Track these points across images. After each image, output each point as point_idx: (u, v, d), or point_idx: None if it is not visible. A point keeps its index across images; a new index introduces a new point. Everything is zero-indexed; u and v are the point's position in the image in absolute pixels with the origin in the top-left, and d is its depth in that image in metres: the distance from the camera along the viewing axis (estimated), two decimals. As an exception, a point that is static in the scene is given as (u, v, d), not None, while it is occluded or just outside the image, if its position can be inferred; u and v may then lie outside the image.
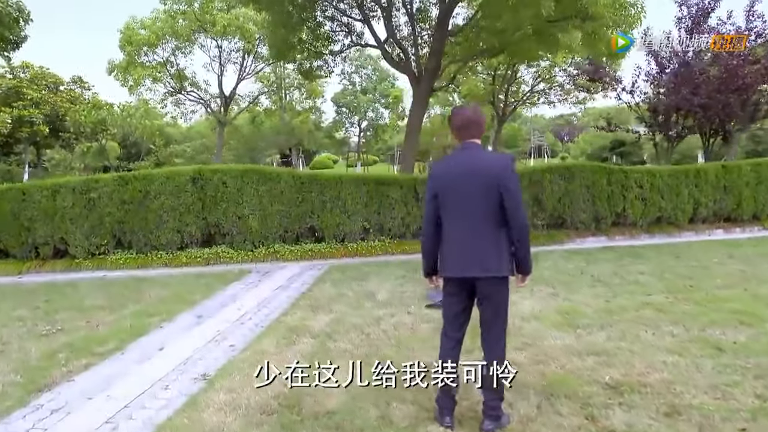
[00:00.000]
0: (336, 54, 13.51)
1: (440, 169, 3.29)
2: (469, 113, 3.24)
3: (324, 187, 9.39)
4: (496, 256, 3.10)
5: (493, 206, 3.07)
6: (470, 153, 3.17)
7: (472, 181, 3.07)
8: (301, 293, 6.80)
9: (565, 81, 24.52)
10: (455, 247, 3.16)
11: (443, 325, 3.40)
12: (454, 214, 3.15)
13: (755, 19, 12.87)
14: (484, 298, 3.19)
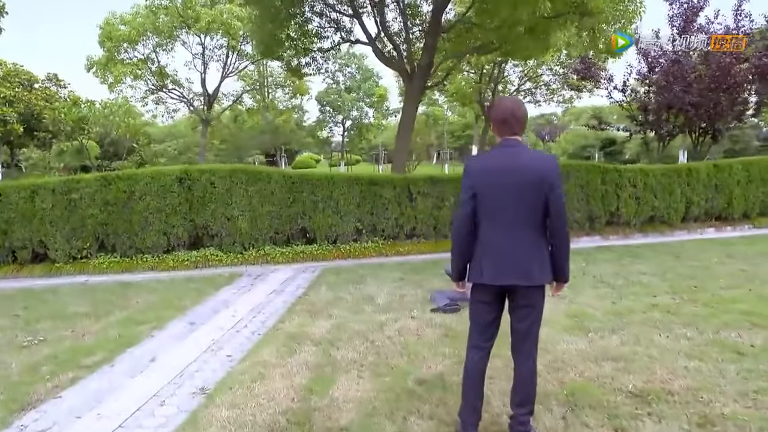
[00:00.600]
0: (325, 51, 13.25)
1: (479, 166, 2.98)
2: (511, 106, 2.96)
3: (315, 187, 9.12)
4: (538, 263, 2.88)
5: (537, 209, 2.85)
6: (514, 150, 2.90)
7: (517, 182, 2.83)
8: (296, 297, 6.54)
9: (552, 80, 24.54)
10: (493, 252, 2.90)
11: (470, 336, 3.14)
12: (493, 215, 2.89)
13: (743, 19, 12.93)
14: (521, 308, 2.96)
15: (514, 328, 3.02)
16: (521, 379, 3.01)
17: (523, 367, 3.00)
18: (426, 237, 9.89)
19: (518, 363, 3.02)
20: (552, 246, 2.92)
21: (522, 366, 3.00)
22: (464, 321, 5.32)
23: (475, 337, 3.11)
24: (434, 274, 7.53)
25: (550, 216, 2.86)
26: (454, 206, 9.84)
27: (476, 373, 3.09)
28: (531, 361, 3.00)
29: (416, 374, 4.00)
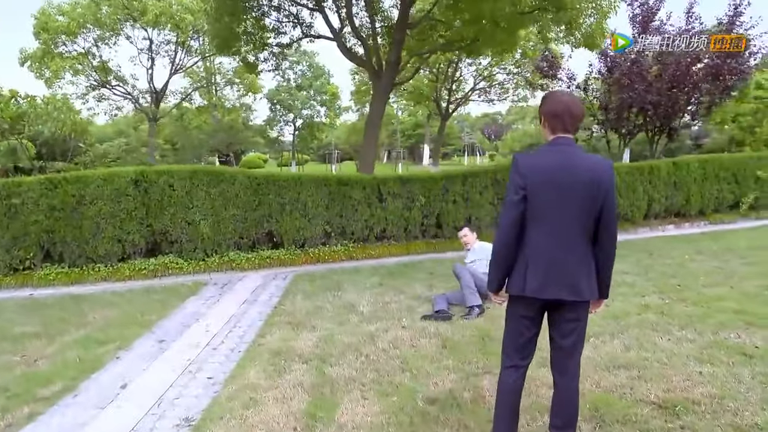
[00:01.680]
0: (285, 47, 12.72)
1: (532, 164, 2.64)
2: (567, 100, 2.68)
3: (282, 188, 8.65)
4: (586, 276, 2.61)
5: (590, 218, 2.58)
6: (569, 150, 2.62)
7: (573, 184, 2.55)
8: (272, 308, 6.09)
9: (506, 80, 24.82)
10: (540, 261, 2.60)
11: (506, 355, 2.83)
12: (544, 220, 2.59)
13: (693, 21, 13.34)
14: (566, 322, 2.67)
15: (557, 345, 2.74)
16: (566, 400, 2.74)
17: (567, 388, 2.73)
18: (397, 239, 9.60)
19: (562, 383, 2.74)
20: (598, 258, 2.65)
21: (567, 386, 2.73)
22: (459, 329, 5.07)
23: (512, 356, 2.81)
24: (414, 279, 7.23)
25: (602, 225, 2.60)
26: (424, 206, 9.61)
27: (514, 396, 2.81)
28: (576, 380, 2.74)
29: (424, 392, 3.68)
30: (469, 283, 5.66)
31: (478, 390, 3.69)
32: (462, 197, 9.94)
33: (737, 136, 14.10)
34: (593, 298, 2.66)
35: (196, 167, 8.56)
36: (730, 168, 12.37)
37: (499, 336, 4.77)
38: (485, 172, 10.22)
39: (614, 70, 12.70)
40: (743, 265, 7.47)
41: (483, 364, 4.16)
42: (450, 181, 9.86)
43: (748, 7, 12.27)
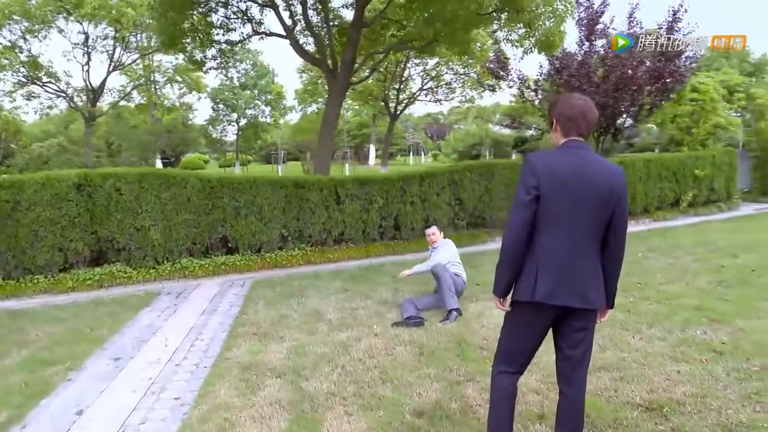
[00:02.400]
0: (234, 44, 12.26)
1: (546, 165, 2.53)
2: (581, 104, 2.60)
3: (237, 191, 8.31)
4: (596, 283, 2.55)
5: (601, 224, 2.52)
6: (584, 153, 2.55)
7: (587, 188, 2.48)
8: (234, 318, 5.80)
9: (453, 80, 25.10)
10: (551, 266, 2.50)
11: (500, 361, 2.75)
12: (556, 225, 2.50)
13: (635, 25, 13.86)
14: (575, 331, 2.60)
15: (565, 355, 2.65)
16: (574, 411, 2.67)
17: (576, 399, 2.66)
18: (355, 242, 9.42)
19: (570, 393, 2.66)
20: (607, 265, 2.60)
21: (575, 397, 2.66)
22: (433, 335, 4.97)
23: (507, 362, 2.72)
24: (378, 283, 7.10)
25: (612, 232, 2.55)
26: (382, 208, 9.49)
27: (509, 401, 2.73)
28: (583, 390, 2.68)
29: (410, 404, 3.55)
30: (450, 286, 5.59)
31: (465, 399, 3.60)
32: (420, 198, 9.89)
33: (676, 136, 14.78)
34: (601, 306, 2.61)
35: (146, 170, 8.08)
36: (671, 167, 12.94)
37: (476, 341, 4.76)
38: (442, 173, 10.22)
39: (563, 71, 13.03)
40: (693, 261, 7.78)
41: (464, 372, 4.07)
42: (407, 183, 9.79)
43: (686, 14, 12.93)
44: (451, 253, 6.10)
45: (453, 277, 5.78)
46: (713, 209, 13.91)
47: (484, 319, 5.40)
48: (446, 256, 6.01)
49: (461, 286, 5.95)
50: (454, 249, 6.25)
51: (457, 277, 5.89)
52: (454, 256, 6.13)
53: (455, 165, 10.49)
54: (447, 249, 6.14)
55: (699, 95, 14.26)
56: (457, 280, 5.86)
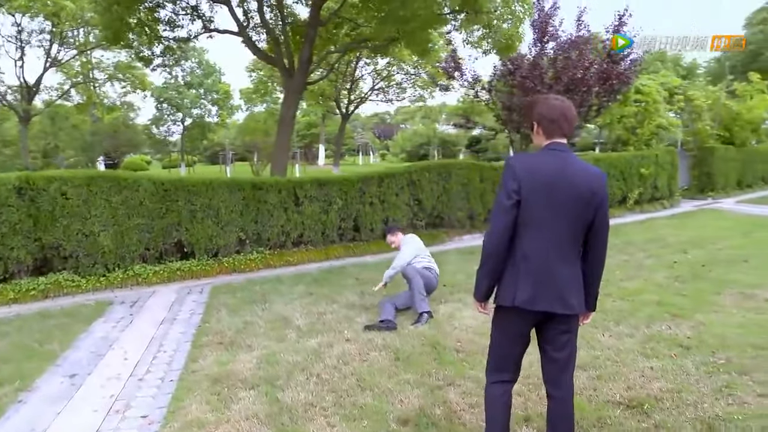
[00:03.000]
0: (183, 41, 11.79)
1: (527, 168, 2.52)
2: (561, 105, 2.58)
3: (192, 194, 7.99)
4: (577, 288, 2.56)
5: (582, 228, 2.52)
6: (564, 157, 2.53)
7: (568, 191, 2.46)
8: (196, 327, 5.55)
9: (404, 79, 25.21)
10: (532, 271, 2.49)
11: (491, 370, 2.73)
12: (537, 229, 2.48)
13: (583, 28, 14.27)
14: (559, 334, 2.60)
15: (551, 358, 2.65)
16: (564, 415, 2.66)
17: (565, 402, 2.66)
18: (314, 244, 9.26)
19: (559, 397, 2.66)
20: (588, 269, 2.60)
21: (563, 400, 2.66)
22: (407, 339, 4.90)
23: (498, 370, 2.71)
24: (342, 286, 6.98)
25: (594, 235, 2.55)
26: (342, 209, 9.37)
27: (504, 410, 2.70)
28: (572, 393, 2.68)
29: (393, 412, 3.47)
30: (421, 289, 5.54)
31: (448, 405, 3.56)
32: (379, 199, 9.83)
33: (623, 136, 15.35)
34: (582, 311, 2.62)
35: (94, 172, 7.64)
36: (618, 166, 13.41)
37: (450, 344, 4.73)
38: (401, 174, 10.19)
39: (516, 72, 13.27)
40: (647, 258, 8.06)
41: (443, 376, 4.03)
42: (366, 183, 9.71)
43: (630, 18, 13.44)
44: (415, 248, 6.01)
45: (424, 272, 5.73)
46: (657, 206, 14.52)
47: (455, 320, 5.39)
48: (410, 252, 5.92)
49: (434, 281, 5.89)
50: (418, 242, 6.19)
51: (428, 272, 5.83)
52: (419, 250, 6.06)
53: (413, 165, 10.49)
54: (410, 245, 6.05)
55: (642, 97, 14.87)
56: (429, 276, 5.80)
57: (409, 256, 5.88)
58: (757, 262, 7.44)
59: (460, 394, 3.73)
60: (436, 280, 5.94)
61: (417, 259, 5.94)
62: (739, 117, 17.77)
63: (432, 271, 5.93)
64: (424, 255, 6.07)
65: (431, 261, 6.07)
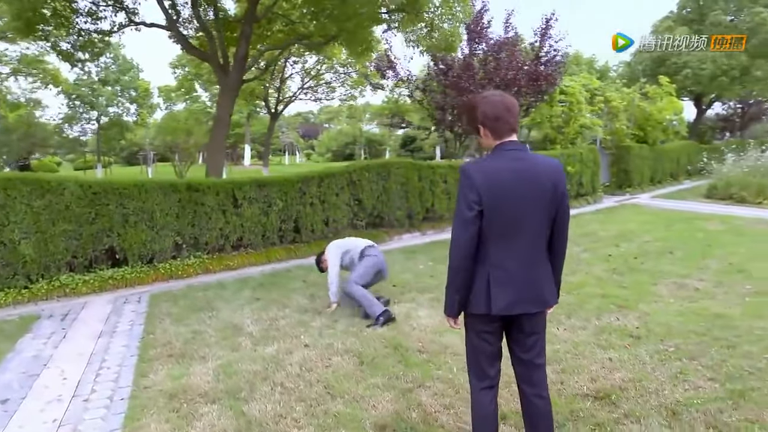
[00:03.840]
0: (105, 34, 11.02)
1: (487, 176, 2.42)
2: (501, 99, 2.49)
3: (125, 197, 7.49)
4: (549, 284, 2.59)
5: (548, 224, 2.51)
6: (520, 156, 2.46)
7: (533, 194, 2.43)
8: (139, 339, 5.20)
9: (333, 78, 25.04)
10: (505, 278, 2.46)
11: (476, 377, 2.69)
12: (505, 235, 2.44)
13: (510, 30, 14.75)
14: (528, 335, 2.62)
15: (521, 360, 2.67)
16: (542, 414, 2.68)
17: (541, 400, 2.67)
18: (254, 247, 8.97)
19: (534, 397, 2.67)
20: (552, 260, 2.64)
21: (539, 399, 2.67)
22: (366, 342, 4.83)
23: (484, 376, 2.67)
24: (290, 290, 6.79)
25: (557, 228, 2.57)
26: (282, 211, 9.13)
27: (494, 418, 2.68)
28: (547, 389, 2.71)
29: (369, 419, 3.40)
30: (364, 296, 5.46)
31: (423, 407, 3.53)
32: (319, 199, 9.67)
33: (550, 135, 16.00)
34: (554, 304, 2.65)
35: (12, 175, 6.95)
36: (545, 164, 13.92)
37: (412, 345, 4.70)
38: (341, 173, 10.07)
39: (449, 72, 13.48)
40: (583, 251, 8.41)
41: (412, 378, 4.00)
42: (306, 184, 9.52)
43: (556, 22, 14.02)
44: (338, 251, 5.88)
45: (365, 270, 5.65)
46: (582, 202, 15.24)
47: (412, 320, 5.37)
48: (335, 261, 5.82)
49: (380, 265, 5.75)
50: (341, 242, 6.05)
51: (368, 259, 5.71)
52: (345, 245, 5.94)
53: (353, 165, 10.40)
54: (332, 253, 5.90)
55: (567, 97, 15.57)
56: (366, 267, 5.68)
57: (336, 264, 5.79)
58: (682, 254, 7.96)
59: (432, 395, 3.70)
60: (380, 266, 5.77)
61: (348, 255, 5.85)
62: (651, 117, 19.02)
63: (371, 257, 5.75)
64: (351, 247, 5.90)
65: (364, 248, 5.87)
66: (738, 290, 6.09)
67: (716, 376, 3.85)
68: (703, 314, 5.21)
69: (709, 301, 5.64)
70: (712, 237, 9.23)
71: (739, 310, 5.36)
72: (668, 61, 27.46)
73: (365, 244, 5.93)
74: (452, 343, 4.69)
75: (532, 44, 13.91)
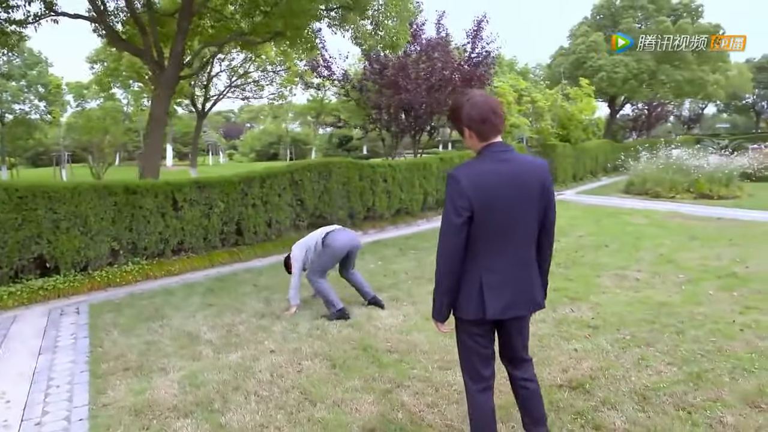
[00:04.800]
0: (20, 24, 10.10)
1: (476, 181, 2.38)
2: (487, 100, 2.43)
3: (56, 201, 6.95)
4: (539, 285, 2.65)
5: (537, 224, 2.54)
6: (508, 158, 2.44)
7: (522, 195, 2.43)
8: (87, 353, 4.83)
9: (261, 77, 24.51)
10: (498, 283, 2.47)
11: (473, 379, 2.68)
12: (495, 239, 2.43)
13: (442, 31, 15.02)
14: (520, 334, 2.71)
15: (510, 358, 2.78)
16: (534, 394, 2.79)
17: (532, 381, 2.79)
18: (195, 251, 8.60)
19: (525, 378, 2.78)
20: (540, 260, 2.67)
21: (530, 380, 2.79)
22: (334, 344, 4.79)
23: (480, 377, 2.67)
24: (242, 294, 6.58)
25: (545, 229, 2.61)
26: (223, 213, 8.82)
27: (493, 416, 2.72)
28: (533, 373, 2.83)
29: (356, 422, 3.35)
30: (326, 291, 5.48)
31: (407, 407, 3.52)
32: (261, 200, 9.43)
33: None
34: (543, 305, 2.72)
35: None
36: (477, 162, 14.32)
37: (380, 345, 4.68)
38: (283, 173, 9.86)
39: (384, 72, 13.54)
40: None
41: (388, 379, 3.98)
42: (248, 184, 9.25)
43: (487, 24, 14.45)
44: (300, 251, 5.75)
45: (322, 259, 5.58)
46: (513, 199, 15.80)
47: (375, 321, 5.35)
48: (297, 264, 5.71)
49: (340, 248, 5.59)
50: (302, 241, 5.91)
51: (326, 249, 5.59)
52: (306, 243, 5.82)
53: (294, 164, 10.22)
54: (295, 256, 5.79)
55: (497, 97, 16.11)
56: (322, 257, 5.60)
57: (298, 264, 5.70)
58: (615, 247, 8.44)
59: (413, 395, 3.70)
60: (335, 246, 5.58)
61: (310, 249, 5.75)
62: (573, 117, 20.06)
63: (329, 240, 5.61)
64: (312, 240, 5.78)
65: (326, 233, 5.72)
66: (673, 279, 6.53)
67: (673, 360, 4.11)
68: (648, 303, 5.54)
69: (650, 291, 6.01)
70: (639, 230, 9.84)
71: (679, 298, 5.75)
72: (585, 64, 29.07)
73: (325, 232, 5.75)
74: (419, 341, 4.72)
75: (464, 45, 14.24)
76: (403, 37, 10.09)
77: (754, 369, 3.94)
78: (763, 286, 6.17)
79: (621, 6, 30.89)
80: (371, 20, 9.87)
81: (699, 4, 30.17)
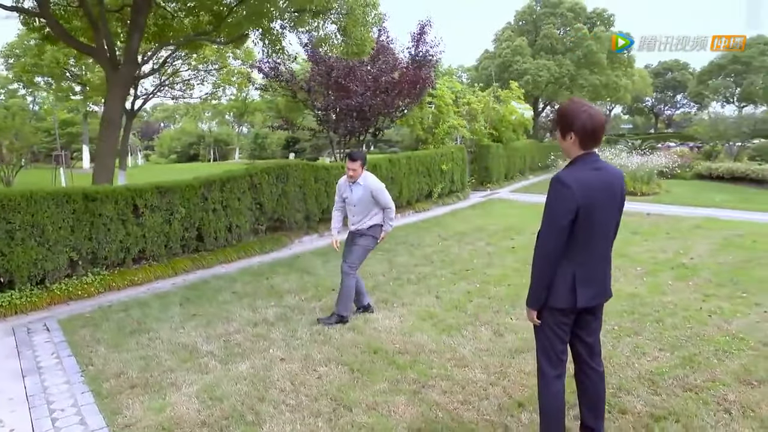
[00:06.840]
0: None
1: (582, 187, 2.63)
2: (599, 115, 2.69)
3: (8, 210, 6.43)
4: (611, 277, 2.96)
5: (616, 225, 2.92)
6: (603, 167, 2.75)
7: (610, 200, 2.75)
8: (79, 373, 4.53)
9: (191, 76, 23.63)
10: (590, 277, 2.77)
11: (551, 366, 2.87)
12: (590, 238, 2.72)
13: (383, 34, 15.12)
14: (595, 320, 2.97)
15: (586, 343, 2.98)
16: (600, 392, 3.02)
17: (600, 380, 3.02)
18: (157, 258, 8.24)
19: (594, 376, 3.01)
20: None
21: (600, 378, 3.01)
22: (344, 350, 4.85)
23: (558, 363, 2.88)
24: (224, 302, 6.41)
25: (617, 229, 2.97)
26: (185, 218, 8.50)
27: (564, 404, 2.92)
28: (602, 365, 3.06)
29: (400, 424, 3.44)
30: (350, 294, 5.52)
31: (442, 406, 3.63)
32: (221, 205, 9.17)
33: (422, 135, 16.88)
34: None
35: None
36: (425, 163, 14.67)
37: (389, 347, 4.77)
38: (242, 177, 9.63)
39: (331, 74, 13.46)
40: (486, 245, 9.07)
41: (412, 379, 4.08)
42: (209, 188, 8.97)
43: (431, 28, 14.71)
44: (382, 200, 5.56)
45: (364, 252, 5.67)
46: (454, 198, 16.27)
47: (373, 323, 5.41)
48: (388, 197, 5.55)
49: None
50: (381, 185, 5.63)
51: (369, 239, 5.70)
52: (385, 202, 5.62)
53: (253, 167, 10.00)
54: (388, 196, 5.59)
55: (436, 100, 16.53)
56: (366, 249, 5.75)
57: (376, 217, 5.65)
58: (571, 242, 8.92)
59: (442, 394, 3.81)
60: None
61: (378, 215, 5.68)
62: (504, 119, 20.89)
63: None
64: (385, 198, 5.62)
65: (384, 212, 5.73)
66: (632, 272, 7.05)
67: (664, 346, 4.49)
68: (621, 295, 5.95)
69: (617, 284, 6.41)
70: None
71: (645, 289, 6.23)
72: (511, 67, 30.36)
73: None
74: (425, 342, 4.84)
75: (408, 48, 14.46)
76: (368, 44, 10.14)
77: (734, 351, 4.38)
78: (711, 275, 6.80)
79: (542, 13, 32.54)
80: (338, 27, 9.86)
81: (610, 14, 32.35)
